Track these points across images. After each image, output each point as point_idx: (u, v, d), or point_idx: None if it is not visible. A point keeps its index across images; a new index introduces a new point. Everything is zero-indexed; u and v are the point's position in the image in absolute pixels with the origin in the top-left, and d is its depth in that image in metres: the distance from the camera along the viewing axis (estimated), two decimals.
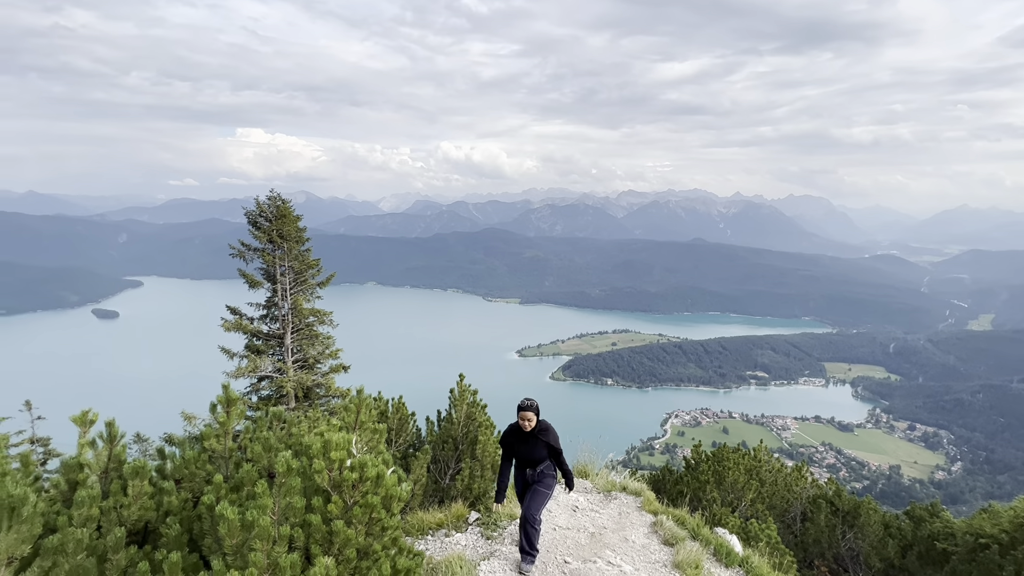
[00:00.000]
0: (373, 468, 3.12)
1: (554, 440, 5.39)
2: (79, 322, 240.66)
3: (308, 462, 3.23)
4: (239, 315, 19.15)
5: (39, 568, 2.80)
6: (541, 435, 5.33)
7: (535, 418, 5.27)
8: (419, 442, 8.65)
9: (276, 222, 19.42)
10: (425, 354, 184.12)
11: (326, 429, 3.68)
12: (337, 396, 19.85)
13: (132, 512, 3.40)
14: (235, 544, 2.70)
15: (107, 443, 3.68)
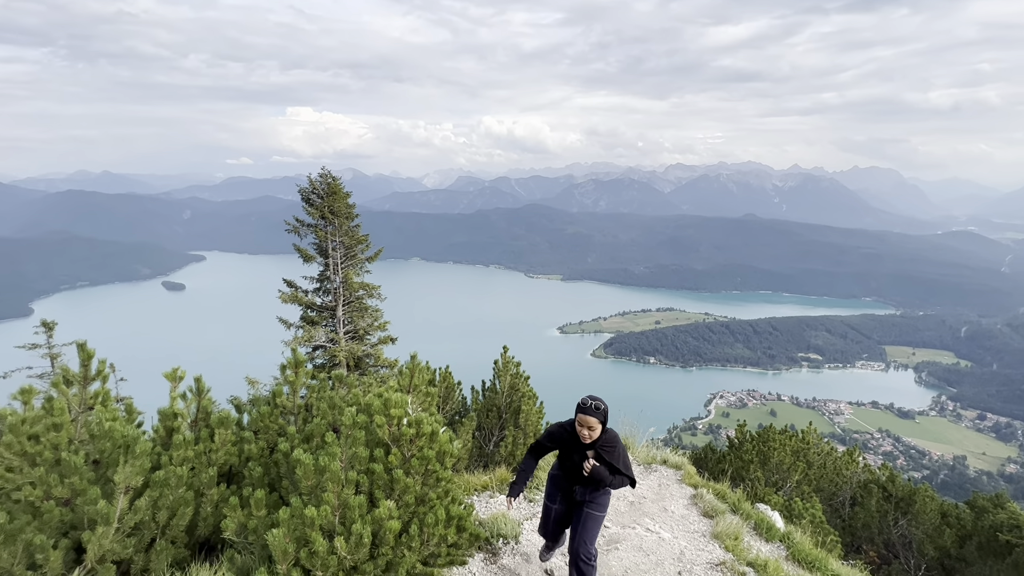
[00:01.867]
0: (428, 425, 3.40)
1: (623, 463, 3.85)
2: (151, 294, 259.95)
3: (369, 418, 3.54)
4: (295, 288, 20.25)
5: (149, 497, 3.27)
6: (606, 452, 3.78)
7: (600, 427, 3.73)
8: (464, 410, 9.06)
9: (327, 199, 20.20)
10: (467, 329, 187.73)
11: (384, 390, 3.99)
12: (385, 366, 20.78)
13: (219, 456, 3.85)
14: (310, 485, 3.05)
15: (196, 396, 4.14)
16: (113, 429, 3.52)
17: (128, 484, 3.16)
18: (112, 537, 3.10)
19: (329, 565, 2.81)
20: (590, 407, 3.73)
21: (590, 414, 3.71)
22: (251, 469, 3.67)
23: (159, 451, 3.74)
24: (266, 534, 2.83)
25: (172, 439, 3.88)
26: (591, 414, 3.71)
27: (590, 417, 3.72)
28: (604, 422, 3.78)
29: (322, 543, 2.79)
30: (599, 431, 3.76)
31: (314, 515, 2.85)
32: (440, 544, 3.16)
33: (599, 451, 3.80)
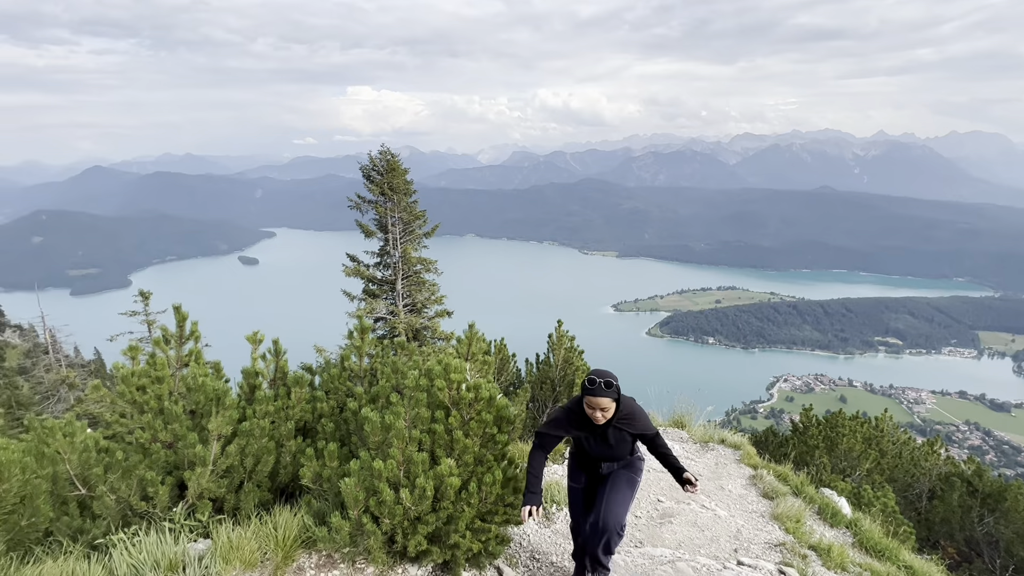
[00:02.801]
0: (487, 390, 3.51)
1: (643, 426, 3.39)
2: (229, 267, 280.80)
3: (430, 382, 3.70)
4: (357, 262, 21.18)
5: (237, 445, 3.63)
6: (624, 425, 3.35)
7: (614, 406, 3.19)
8: (518, 381, 9.24)
9: (387, 176, 20.77)
10: (521, 304, 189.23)
11: (445, 356, 4.14)
12: (441, 339, 21.45)
13: (295, 412, 4.18)
14: (377, 441, 3.26)
15: (274, 357, 4.49)
16: (205, 383, 3.91)
17: (219, 432, 3.52)
18: (208, 477, 3.47)
19: (396, 514, 3.01)
20: (599, 386, 3.12)
21: (600, 395, 3.12)
22: (324, 425, 3.96)
23: (243, 405, 4.11)
24: (339, 483, 3.07)
25: (255, 395, 4.26)
26: (602, 394, 3.12)
27: (601, 398, 3.13)
28: (618, 398, 3.22)
29: (389, 494, 2.99)
30: (613, 410, 3.22)
31: (381, 468, 3.05)
32: (497, 503, 3.30)
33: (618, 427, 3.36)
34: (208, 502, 3.48)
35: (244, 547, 2.99)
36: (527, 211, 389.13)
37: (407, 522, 3.13)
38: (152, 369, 4.05)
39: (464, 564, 3.40)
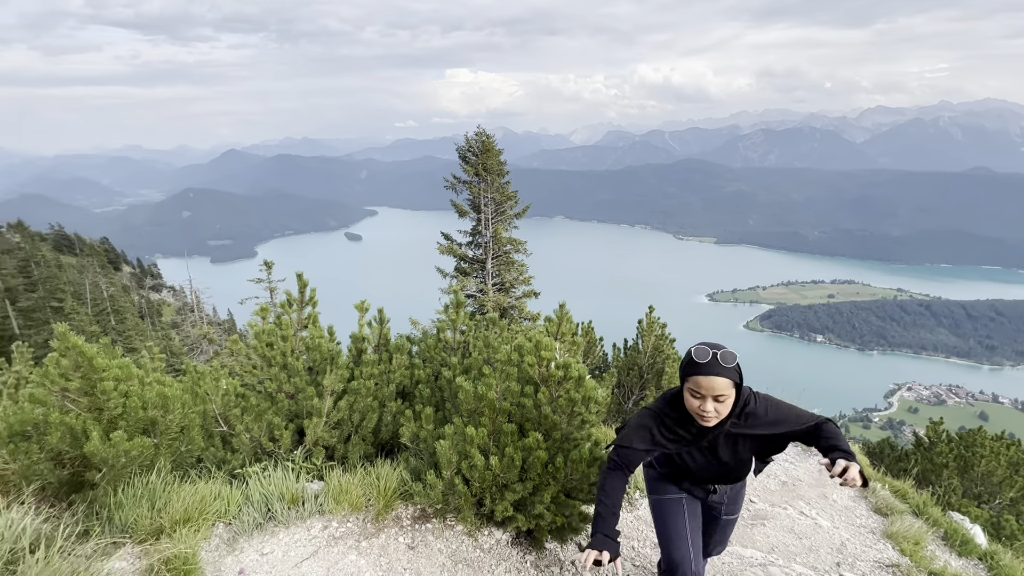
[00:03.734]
0: (576, 370, 3.52)
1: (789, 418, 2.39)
2: (336, 242, 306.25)
3: (520, 357, 3.79)
4: (450, 240, 22.04)
5: (347, 401, 4.01)
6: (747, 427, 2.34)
7: (733, 394, 2.19)
8: (605, 365, 9.14)
9: (482, 156, 21.21)
10: (608, 288, 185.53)
11: (535, 333, 4.21)
12: (528, 319, 21.77)
13: (396, 376, 4.52)
14: (470, 409, 3.43)
15: (379, 324, 4.87)
16: (321, 344, 4.35)
17: (333, 388, 3.91)
18: (322, 427, 3.89)
19: (485, 479, 3.17)
20: (713, 361, 2.11)
21: (716, 373, 2.10)
22: (420, 390, 4.24)
23: (352, 366, 4.52)
24: (435, 444, 3.29)
25: (361, 358, 4.66)
26: (718, 373, 2.10)
27: (716, 379, 2.10)
28: (740, 384, 2.18)
29: (480, 459, 3.15)
30: (731, 400, 2.16)
31: (473, 434, 3.21)
32: (582, 481, 3.34)
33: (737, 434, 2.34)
34: (322, 449, 3.91)
35: (351, 492, 3.32)
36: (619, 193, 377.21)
37: (495, 488, 3.28)
38: (278, 329, 4.58)
39: (547, 535, 3.50)
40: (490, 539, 3.46)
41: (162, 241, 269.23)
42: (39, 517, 2.53)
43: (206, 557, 2.75)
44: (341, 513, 3.28)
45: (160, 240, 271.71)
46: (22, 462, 3.01)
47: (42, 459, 3.04)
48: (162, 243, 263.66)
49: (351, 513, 3.29)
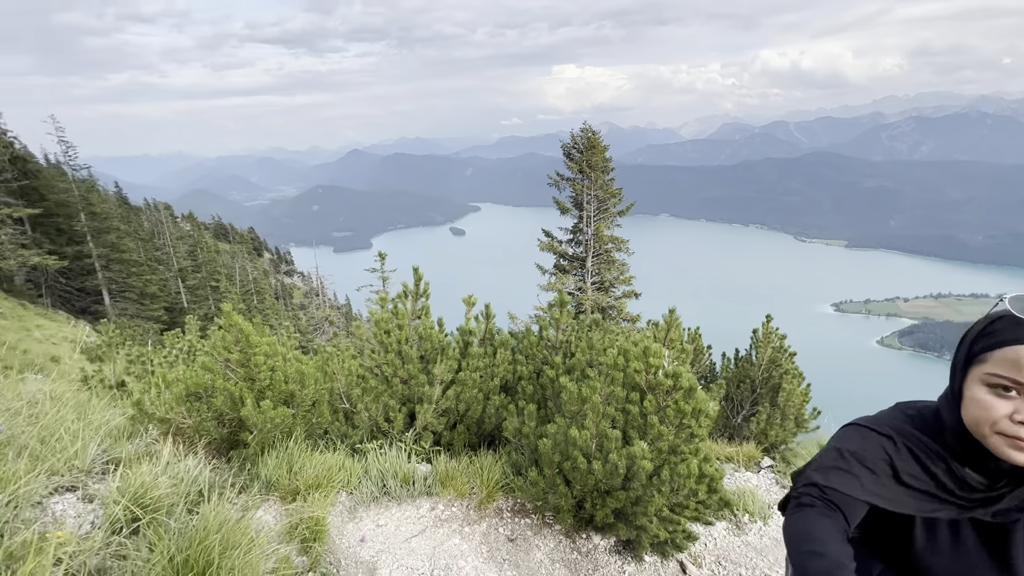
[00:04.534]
0: (687, 380, 3.35)
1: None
2: (442, 237, 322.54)
3: (626, 362, 3.68)
4: (551, 237, 22.09)
5: (454, 391, 4.21)
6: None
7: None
8: (712, 375, 8.57)
9: (586, 153, 20.95)
10: (716, 292, 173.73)
11: (642, 339, 4.07)
12: (627, 320, 21.16)
13: (500, 370, 4.64)
14: (573, 410, 3.42)
15: (485, 319, 5.03)
16: (433, 335, 4.61)
17: (442, 378, 4.13)
18: (431, 413, 4.13)
19: (587, 482, 3.14)
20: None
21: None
22: (523, 386, 4.32)
23: (459, 358, 4.73)
24: (537, 442, 3.33)
25: (468, 350, 4.85)
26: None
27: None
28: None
29: (582, 461, 3.12)
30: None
31: (576, 436, 3.20)
32: (689, 496, 3.17)
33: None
34: (430, 434, 4.15)
35: (457, 478, 3.49)
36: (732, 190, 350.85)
37: (596, 493, 3.24)
38: (395, 317, 4.93)
39: (647, 548, 3.38)
40: (588, 543, 3.43)
41: (295, 231, 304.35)
42: (207, 467, 2.99)
43: (332, 521, 3.05)
44: (447, 497, 3.46)
45: (294, 230, 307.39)
46: (195, 418, 3.58)
47: (209, 417, 3.60)
48: (295, 233, 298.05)
49: (456, 499, 3.46)
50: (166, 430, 3.62)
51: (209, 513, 1.92)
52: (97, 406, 4.48)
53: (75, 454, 2.77)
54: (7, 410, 3.34)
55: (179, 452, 3.17)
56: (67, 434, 3.01)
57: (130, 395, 6.83)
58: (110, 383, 6.25)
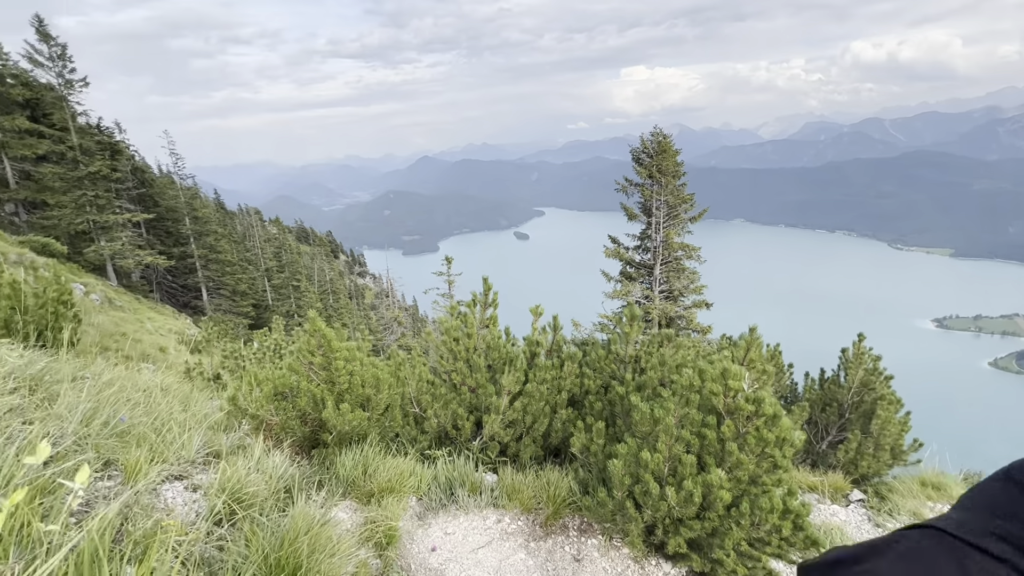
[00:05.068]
0: (770, 406, 3.13)
1: None
2: (506, 241, 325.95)
3: (702, 382, 3.51)
4: (617, 244, 21.64)
5: (521, 403, 4.22)
6: None
7: None
8: (794, 396, 7.97)
9: (656, 158, 20.35)
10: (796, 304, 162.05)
11: (721, 358, 3.87)
12: (697, 331, 20.25)
13: (567, 383, 4.59)
14: (644, 431, 3.30)
15: (552, 331, 5.01)
16: (501, 345, 4.64)
17: (509, 388, 4.15)
18: (498, 424, 4.16)
19: (659, 508, 3.02)
20: None
21: None
22: (591, 401, 4.24)
23: (525, 369, 4.73)
24: (606, 461, 3.25)
25: (534, 361, 4.85)
26: None
27: None
28: None
29: (654, 486, 3.01)
30: None
31: (648, 459, 3.09)
32: (772, 533, 2.95)
33: None
34: (496, 444, 4.18)
35: (523, 492, 3.48)
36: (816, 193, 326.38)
37: (669, 520, 3.11)
38: (464, 326, 5.03)
39: None
40: (657, 571, 3.29)
41: (368, 235, 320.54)
42: (292, 465, 3.20)
43: (403, 526, 3.15)
44: (513, 510, 3.46)
45: (366, 234, 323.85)
46: (281, 416, 3.84)
47: (293, 416, 3.85)
48: (368, 236, 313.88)
49: (522, 512, 3.45)
50: (256, 425, 3.91)
51: (298, 516, 2.04)
52: (198, 398, 4.95)
53: (182, 445, 3.06)
54: (128, 400, 3.76)
55: (267, 448, 3.42)
56: (176, 425, 3.34)
57: (225, 387, 7.49)
58: (208, 376, 6.88)
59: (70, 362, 4.52)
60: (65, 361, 4.52)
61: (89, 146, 27.70)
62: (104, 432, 2.79)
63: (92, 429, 2.75)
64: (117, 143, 31.90)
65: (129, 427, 2.99)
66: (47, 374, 3.58)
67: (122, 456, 2.53)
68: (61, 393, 3.31)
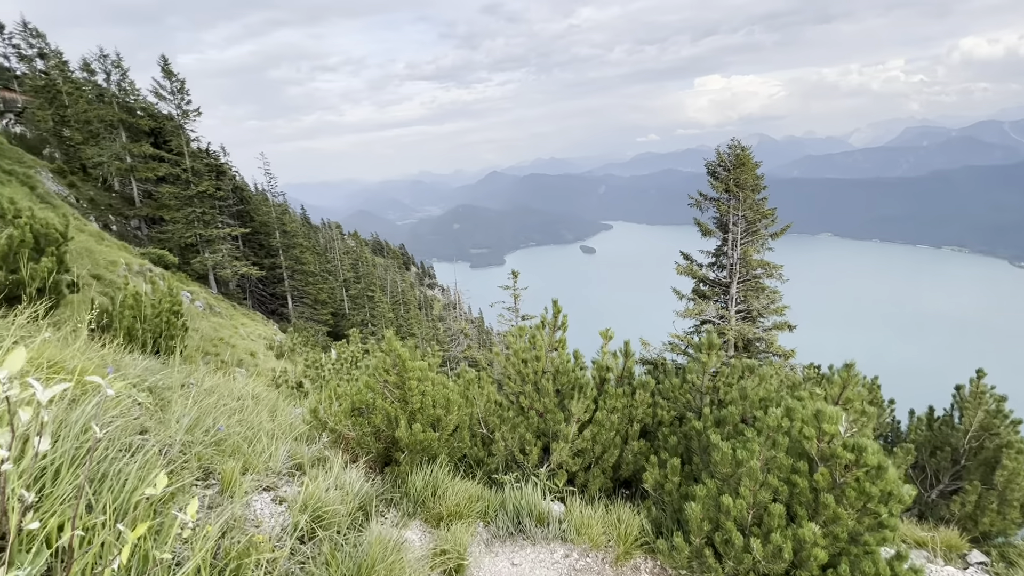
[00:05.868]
0: (874, 455, 2.81)
1: None
2: (571, 254, 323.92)
3: (790, 422, 3.23)
4: (690, 260, 20.75)
5: (590, 431, 4.10)
6: None
7: None
8: (896, 435, 7.14)
9: (734, 171, 19.42)
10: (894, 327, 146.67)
11: (811, 396, 3.56)
12: (778, 355, 18.88)
13: (638, 413, 4.41)
14: (725, 473, 3.08)
15: (624, 357, 4.85)
16: (569, 369, 4.56)
17: (578, 416, 4.05)
18: (566, 452, 4.07)
19: (743, 561, 2.79)
20: None
21: None
22: (664, 434, 4.04)
23: (595, 396, 4.61)
24: (683, 503, 3.06)
25: (604, 387, 4.71)
26: None
27: None
28: None
29: (737, 536, 2.79)
30: None
31: (729, 504, 2.87)
32: None
33: None
34: (564, 473, 4.08)
35: (592, 527, 3.36)
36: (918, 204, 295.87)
37: (755, 574, 2.86)
38: (532, 348, 5.00)
39: None
40: None
41: (438, 247, 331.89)
42: (367, 481, 3.30)
43: (471, 551, 3.15)
44: (581, 545, 3.35)
45: (437, 247, 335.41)
46: (357, 432, 4.00)
47: (368, 432, 3.99)
48: (438, 249, 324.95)
49: (591, 548, 3.33)
50: (335, 439, 4.10)
51: (374, 542, 2.09)
52: (284, 406, 5.29)
53: (270, 456, 3.27)
54: (225, 407, 4.09)
55: (345, 462, 3.57)
56: (265, 435, 3.58)
57: (307, 395, 7.98)
58: (292, 384, 7.36)
59: (179, 369, 5.01)
60: (175, 368, 5.02)
61: (199, 168, 31.08)
62: (205, 440, 3.04)
63: (195, 436, 3.01)
64: (221, 165, 35.54)
65: (225, 436, 3.24)
66: (160, 379, 3.99)
67: (219, 465, 2.74)
68: (171, 400, 3.67)
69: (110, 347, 4.29)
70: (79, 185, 28.43)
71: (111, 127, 30.07)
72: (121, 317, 5.82)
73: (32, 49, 35.64)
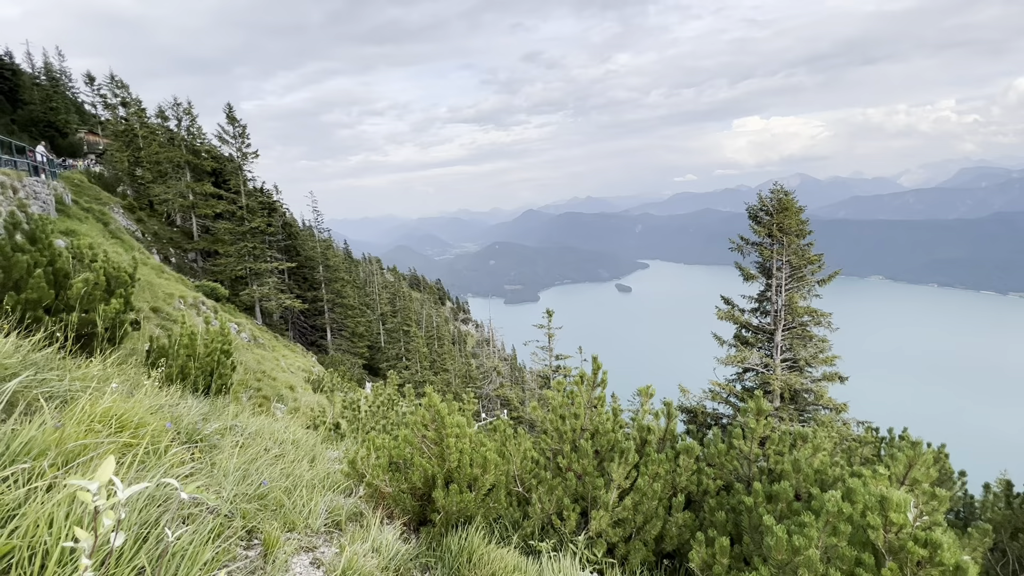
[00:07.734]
0: (951, 554, 2.56)
1: None
2: (607, 293, 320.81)
3: (851, 507, 3.01)
4: (732, 305, 20.16)
5: (631, 500, 3.93)
6: None
7: None
8: (969, 513, 6.48)
9: (777, 216, 19.03)
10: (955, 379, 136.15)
11: (871, 475, 3.32)
12: (828, 408, 17.81)
13: (682, 480, 4.21)
14: (780, 560, 2.87)
15: (666, 418, 4.69)
16: (609, 430, 4.44)
17: (619, 483, 3.90)
18: (606, 521, 3.90)
19: None
20: None
21: None
22: (711, 507, 3.83)
23: (636, 459, 4.44)
24: None
25: (645, 448, 4.54)
26: None
27: None
28: None
29: None
30: None
31: None
32: None
33: None
34: (603, 542, 3.91)
35: None
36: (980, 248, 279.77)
37: None
38: (571, 404, 4.91)
39: None
40: None
41: (474, 283, 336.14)
42: (402, 542, 3.26)
43: None
44: None
45: (472, 282, 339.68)
46: (394, 487, 3.98)
47: (405, 489, 3.97)
48: (473, 284, 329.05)
49: None
50: (371, 492, 4.09)
51: None
52: (322, 452, 5.35)
53: (309, 512, 3.29)
54: (268, 454, 4.18)
55: (380, 518, 3.54)
56: (304, 488, 3.62)
57: (343, 437, 8.06)
58: (329, 425, 7.47)
59: (226, 410, 5.17)
60: (223, 410, 5.18)
61: (253, 206, 33.03)
62: (249, 493, 3.10)
63: (241, 489, 3.08)
64: (274, 202, 37.66)
65: (268, 489, 3.30)
66: (211, 427, 4.13)
67: (262, 524, 2.77)
68: (220, 447, 3.77)
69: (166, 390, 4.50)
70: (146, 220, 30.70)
71: (178, 167, 32.61)
72: (176, 356, 6.12)
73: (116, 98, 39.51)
